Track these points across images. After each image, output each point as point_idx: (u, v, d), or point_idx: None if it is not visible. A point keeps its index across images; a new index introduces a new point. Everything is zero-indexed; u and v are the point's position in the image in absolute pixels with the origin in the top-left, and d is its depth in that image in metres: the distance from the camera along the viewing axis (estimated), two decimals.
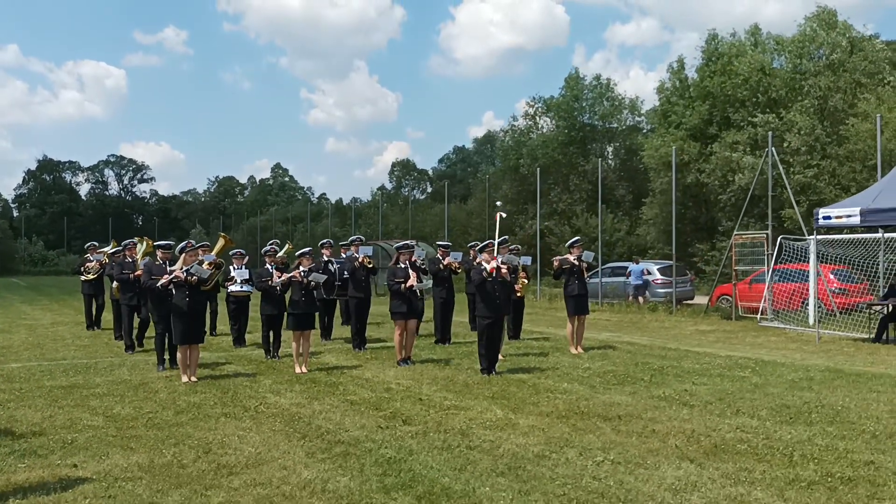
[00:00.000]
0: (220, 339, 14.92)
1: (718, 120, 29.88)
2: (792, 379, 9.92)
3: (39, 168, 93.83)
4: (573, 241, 13.27)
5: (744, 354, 12.39)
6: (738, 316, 19.08)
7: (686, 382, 9.73)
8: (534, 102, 39.43)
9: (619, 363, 11.45)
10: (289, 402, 8.66)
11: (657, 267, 24.18)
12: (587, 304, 13.04)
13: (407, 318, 11.32)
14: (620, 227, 34.14)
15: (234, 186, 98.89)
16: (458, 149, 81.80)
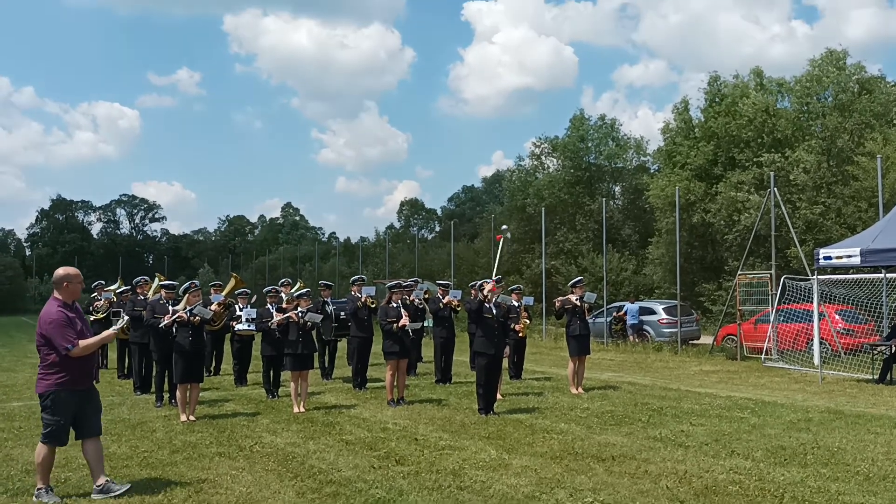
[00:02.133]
0: (222, 378, 14.96)
1: (723, 160, 30.00)
2: (790, 420, 9.88)
3: (52, 207, 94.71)
4: (575, 282, 13.33)
5: (745, 395, 12.34)
6: (743, 356, 19.00)
7: (683, 423, 9.70)
8: (540, 142, 39.77)
9: (618, 403, 11.42)
10: (284, 442, 8.68)
11: (662, 307, 24.10)
12: (588, 344, 13.03)
13: (399, 357, 11.34)
14: (627, 267, 34.11)
15: (244, 225, 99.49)
16: (467, 188, 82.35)
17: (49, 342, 6.15)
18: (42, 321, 6.22)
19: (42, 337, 6.21)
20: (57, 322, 6.18)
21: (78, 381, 6.29)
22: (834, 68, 28.41)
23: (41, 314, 6.31)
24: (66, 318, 6.22)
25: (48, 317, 6.21)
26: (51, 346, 6.15)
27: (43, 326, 6.20)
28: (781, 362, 17.73)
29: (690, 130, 32.24)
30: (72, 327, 6.19)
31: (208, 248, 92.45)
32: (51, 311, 6.24)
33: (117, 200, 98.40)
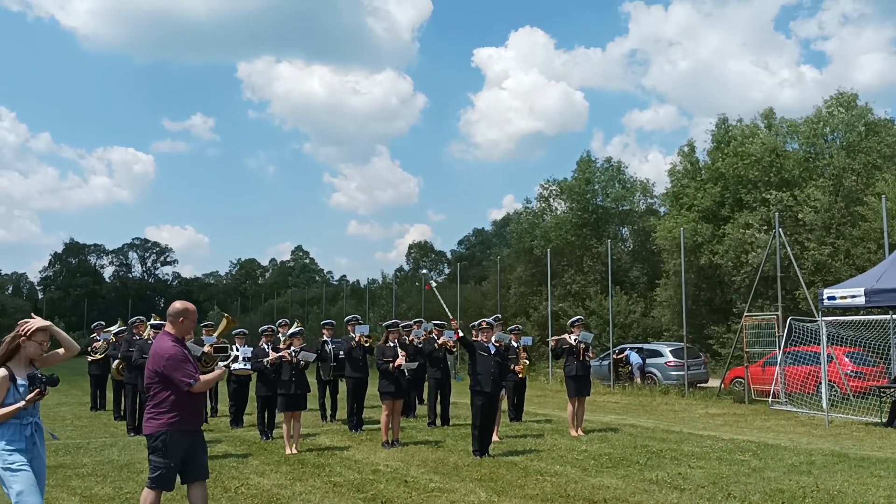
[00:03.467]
0: (218, 419, 14.79)
1: (731, 201, 29.89)
2: (792, 463, 9.62)
3: (65, 251, 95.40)
4: (573, 321, 13.17)
5: (748, 438, 12.06)
6: (750, 399, 18.67)
7: (682, 466, 9.46)
8: (548, 184, 39.81)
9: (617, 446, 11.18)
10: (271, 484, 8.50)
11: (669, 349, 23.80)
12: (588, 385, 12.81)
13: (395, 398, 11.19)
14: (635, 309, 33.83)
15: (255, 269, 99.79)
16: (477, 231, 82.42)
17: (165, 379, 5.79)
18: (156, 357, 5.84)
19: (155, 374, 5.84)
20: (175, 357, 5.81)
21: (189, 420, 5.92)
22: (842, 109, 28.41)
23: (153, 350, 5.93)
24: (182, 353, 5.90)
25: (164, 352, 5.83)
26: (165, 383, 5.79)
27: (158, 362, 5.82)
28: (790, 405, 17.41)
29: (697, 172, 32.20)
30: (190, 362, 5.90)
31: (219, 291, 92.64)
32: (165, 346, 5.86)
33: (129, 244, 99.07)
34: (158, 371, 5.80)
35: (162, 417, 5.78)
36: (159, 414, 5.79)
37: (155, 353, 5.86)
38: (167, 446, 5.77)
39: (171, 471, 5.83)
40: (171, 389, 5.79)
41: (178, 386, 5.75)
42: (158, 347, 5.89)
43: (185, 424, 5.85)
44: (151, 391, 5.87)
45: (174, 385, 5.77)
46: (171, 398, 5.78)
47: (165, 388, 5.79)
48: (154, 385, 5.85)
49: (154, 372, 5.83)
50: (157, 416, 5.79)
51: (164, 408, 5.78)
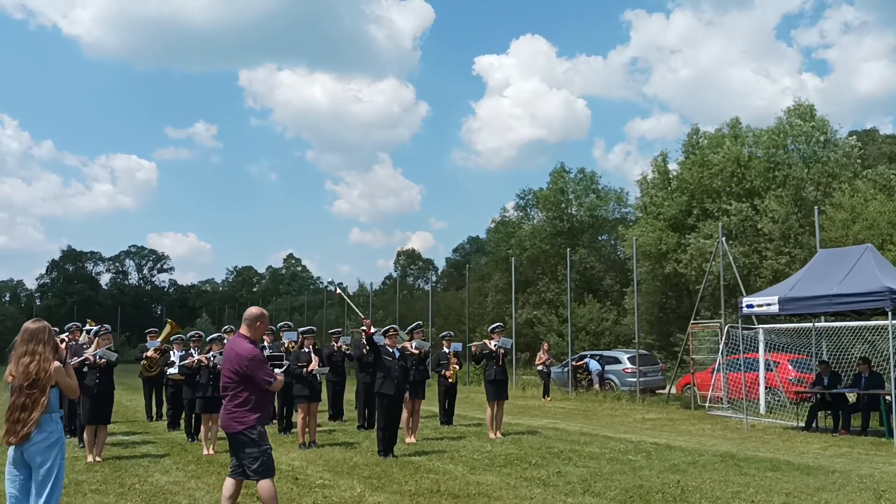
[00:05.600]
0: (158, 423, 15.29)
1: (697, 211, 30.38)
2: (675, 463, 10.08)
3: (62, 258, 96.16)
4: (493, 327, 13.66)
5: (656, 440, 12.52)
6: (696, 405, 19.11)
7: (569, 465, 9.94)
8: (524, 194, 40.42)
9: (524, 447, 11.65)
10: (167, 480, 9.00)
11: (626, 356, 24.26)
12: (506, 389, 13.30)
13: (309, 401, 11.70)
14: (608, 317, 34.31)
15: (251, 276, 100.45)
16: (473, 238, 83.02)
17: (246, 378, 6.14)
18: (237, 358, 6.18)
19: (236, 374, 6.17)
20: (257, 358, 6.21)
21: (266, 416, 6.41)
22: (801, 121, 28.90)
23: (232, 352, 6.28)
24: (261, 354, 6.34)
25: (245, 353, 6.18)
26: (247, 382, 6.15)
27: (240, 363, 6.15)
28: (730, 411, 17.85)
29: (667, 182, 32.72)
30: (266, 362, 6.38)
31: (215, 298, 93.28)
32: (245, 347, 6.23)
33: (126, 251, 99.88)
34: (240, 371, 6.16)
35: (249, 414, 6.17)
36: (246, 411, 6.16)
37: (236, 355, 6.22)
38: (261, 435, 6.21)
39: (270, 456, 6.23)
40: (252, 388, 6.19)
41: (260, 384, 6.19)
42: (239, 349, 6.24)
43: (264, 420, 6.35)
44: (230, 391, 6.23)
45: (254, 384, 6.18)
46: (251, 396, 6.19)
47: (246, 388, 6.18)
48: (234, 385, 6.21)
49: (234, 372, 6.19)
50: (245, 414, 6.16)
51: (249, 405, 6.18)
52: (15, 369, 5.33)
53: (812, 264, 14.21)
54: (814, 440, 12.69)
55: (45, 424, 5.29)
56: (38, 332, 5.44)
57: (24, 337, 5.44)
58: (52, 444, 5.31)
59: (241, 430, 6.17)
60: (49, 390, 5.31)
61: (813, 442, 12.48)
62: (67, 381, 5.50)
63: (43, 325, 5.53)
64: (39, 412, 5.23)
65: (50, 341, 5.46)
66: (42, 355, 5.36)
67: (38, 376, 5.30)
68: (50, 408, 5.33)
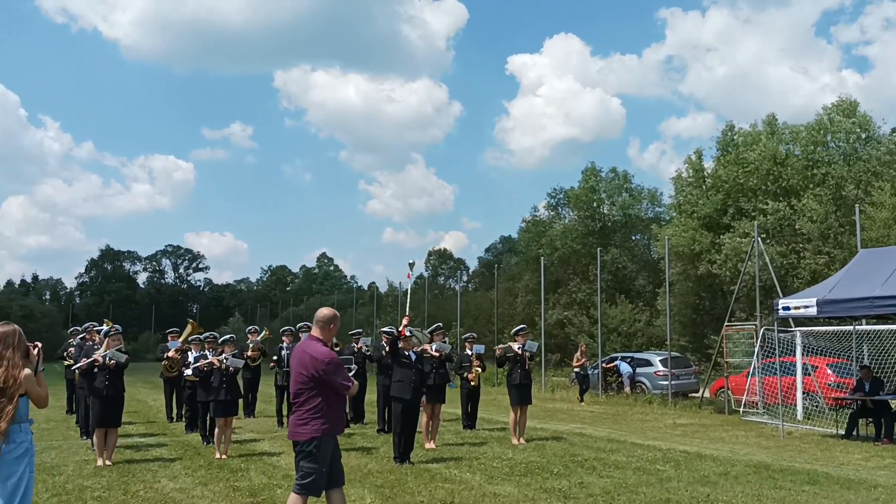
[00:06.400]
0: (178, 424, 15.06)
1: (732, 210, 29.60)
2: (705, 474, 9.55)
3: (101, 258, 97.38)
4: (518, 329, 13.20)
5: (687, 448, 11.97)
6: (730, 410, 18.48)
7: (592, 475, 9.46)
8: (555, 193, 39.81)
9: (546, 454, 11.19)
10: (173, 487, 8.70)
11: (659, 358, 23.63)
12: (530, 394, 12.85)
13: None
14: (640, 318, 33.61)
15: (286, 275, 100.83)
16: (505, 238, 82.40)
17: (321, 383, 5.70)
18: (312, 361, 5.73)
19: (311, 378, 5.73)
20: (335, 361, 5.78)
21: (338, 424, 5.91)
22: (842, 117, 28.00)
23: (306, 355, 5.80)
24: (337, 357, 5.95)
25: (322, 356, 5.75)
26: (320, 387, 5.72)
27: (316, 366, 5.70)
28: (766, 416, 17.20)
29: (702, 180, 31.95)
30: (344, 367, 5.96)
31: (249, 297, 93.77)
32: (321, 350, 5.80)
33: (163, 251, 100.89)
34: (315, 375, 5.71)
35: (315, 423, 5.71)
36: (312, 419, 5.71)
37: (311, 357, 5.76)
38: (320, 451, 5.74)
39: (321, 476, 5.78)
40: (324, 394, 5.74)
41: (337, 389, 5.76)
42: (314, 351, 5.79)
43: (334, 428, 5.84)
44: (303, 396, 5.78)
45: (328, 389, 5.74)
46: (321, 403, 5.73)
47: (319, 393, 5.73)
48: (307, 390, 5.77)
49: (309, 377, 5.73)
50: (311, 422, 5.72)
51: (318, 413, 5.71)
52: None
53: (853, 265, 13.57)
54: (854, 450, 12.05)
55: (13, 435, 4.96)
56: (7, 336, 5.09)
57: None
58: (21, 456, 4.97)
59: (305, 438, 5.72)
60: (17, 399, 4.95)
61: (853, 451, 11.84)
62: (38, 391, 5.14)
63: (13, 328, 5.18)
64: (6, 422, 4.87)
65: (20, 346, 5.11)
66: (11, 361, 5.02)
67: (6, 384, 4.95)
68: (18, 417, 4.98)
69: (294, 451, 5.93)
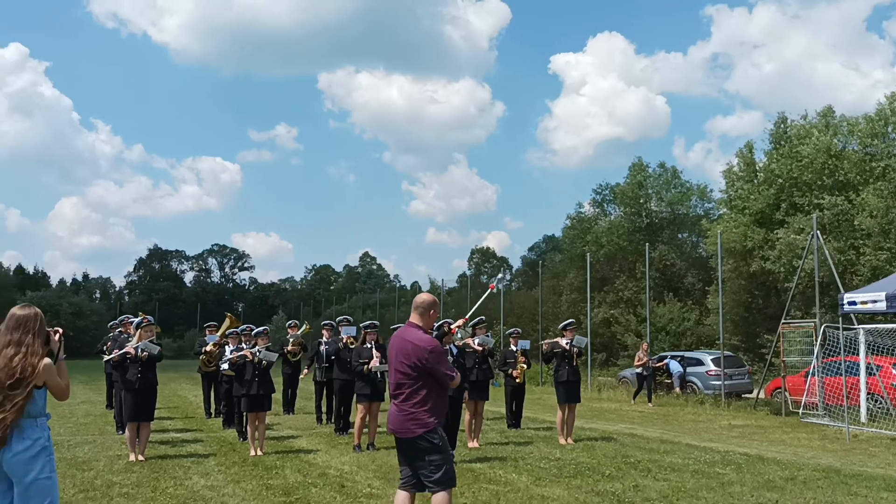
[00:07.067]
0: (216, 420, 14.74)
1: (786, 205, 28.53)
2: (770, 478, 8.88)
3: (149, 257, 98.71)
4: (565, 324, 12.61)
5: (746, 451, 11.27)
6: (787, 411, 17.65)
7: (647, 478, 8.84)
8: (601, 190, 38.98)
9: (597, 455, 10.59)
10: (203, 485, 8.29)
11: (711, 357, 22.78)
12: (578, 391, 12.23)
13: (371, 399, 10.90)
14: (689, 317, 32.64)
15: (329, 274, 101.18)
16: (548, 237, 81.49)
17: (425, 373, 5.27)
18: (415, 350, 5.28)
19: (413, 369, 5.28)
20: (439, 349, 5.35)
21: (442, 416, 5.48)
22: None
23: (408, 344, 5.34)
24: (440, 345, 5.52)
25: (424, 343, 5.29)
26: (424, 377, 5.28)
27: (419, 356, 5.26)
28: (827, 418, 16.35)
29: (754, 174, 30.90)
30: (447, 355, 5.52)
31: (293, 296, 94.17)
32: (424, 338, 5.35)
33: (209, 250, 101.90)
34: (419, 365, 5.27)
35: (429, 416, 5.28)
36: (425, 412, 5.27)
37: (413, 347, 5.30)
38: (444, 440, 5.34)
39: (453, 464, 5.35)
40: (431, 385, 5.32)
41: (440, 380, 5.32)
42: (416, 339, 5.34)
43: (440, 421, 5.39)
44: (406, 388, 5.32)
45: (432, 379, 5.31)
46: (427, 394, 5.30)
47: (424, 385, 5.30)
48: (410, 381, 5.31)
49: (412, 367, 5.29)
50: (424, 415, 5.27)
51: (427, 405, 5.29)
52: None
53: None
54: None
55: (27, 431, 4.42)
56: (28, 320, 4.53)
57: (10, 324, 4.52)
58: (37, 455, 4.42)
59: (421, 433, 5.23)
60: (32, 390, 4.42)
61: None
62: (57, 382, 4.56)
63: (33, 311, 4.61)
64: (14, 414, 4.34)
65: (41, 331, 4.56)
66: (30, 348, 4.46)
67: (24, 373, 4.38)
68: (35, 412, 4.46)
69: (401, 449, 5.43)
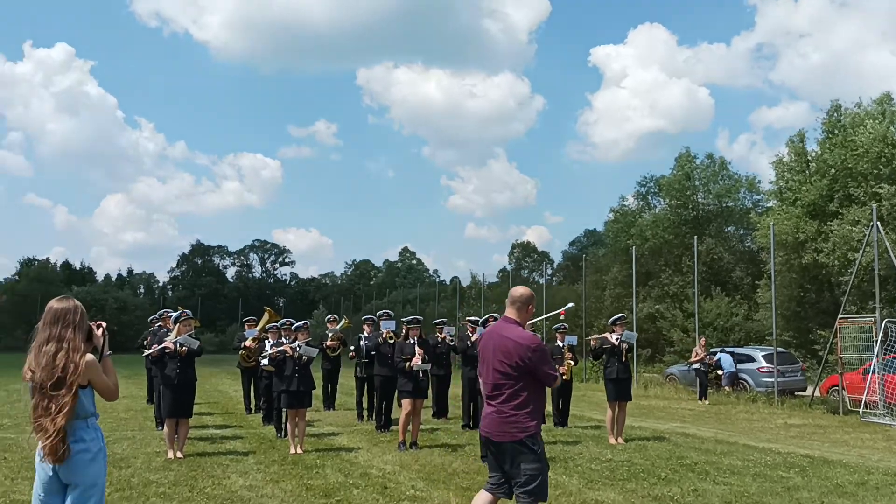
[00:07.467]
0: (256, 416, 14.52)
1: (840, 196, 27.53)
2: (839, 483, 8.33)
3: (192, 252, 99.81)
4: (615, 319, 12.12)
5: (809, 452, 10.69)
6: (845, 410, 16.93)
7: (706, 481, 8.35)
8: (645, 182, 38.15)
9: (650, 456, 10.10)
10: (242, 484, 7.99)
11: (762, 354, 22.05)
12: (629, 389, 11.74)
13: (414, 396, 10.54)
14: (738, 312, 31.76)
15: (369, 269, 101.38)
16: (589, 231, 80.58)
17: (526, 373, 4.92)
18: (517, 349, 4.92)
19: (515, 369, 4.92)
20: (542, 347, 5.01)
21: (541, 419, 5.14)
22: None
23: (508, 341, 4.98)
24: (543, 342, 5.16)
25: (527, 341, 4.95)
26: (525, 378, 4.93)
27: (521, 354, 4.90)
28: (888, 417, 15.62)
29: (805, 165, 29.91)
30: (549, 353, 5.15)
31: (333, 291, 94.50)
32: (525, 335, 5.01)
33: (250, 245, 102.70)
34: (521, 364, 4.90)
35: (529, 419, 4.94)
36: (526, 415, 4.93)
37: (515, 344, 4.94)
38: (541, 448, 4.97)
39: (547, 477, 5.00)
40: (530, 385, 4.96)
41: (544, 380, 4.97)
42: (517, 337, 4.98)
43: (539, 424, 5.05)
44: (507, 389, 4.95)
45: (533, 379, 4.96)
46: (528, 396, 4.95)
47: (525, 386, 4.94)
48: (511, 382, 4.94)
49: (512, 367, 4.93)
50: (525, 418, 4.93)
51: (528, 408, 4.94)
52: (35, 362, 4.02)
53: None
54: None
55: (80, 432, 4.02)
56: (67, 313, 4.09)
57: (48, 318, 4.08)
58: (95, 458, 4.04)
59: (521, 438, 4.87)
60: (78, 390, 4.00)
61: None
62: (103, 381, 4.13)
63: (73, 304, 4.17)
64: (64, 418, 3.92)
65: (82, 326, 4.12)
66: (71, 343, 4.03)
67: (65, 371, 3.96)
68: (83, 412, 4.06)
69: (495, 453, 5.05)
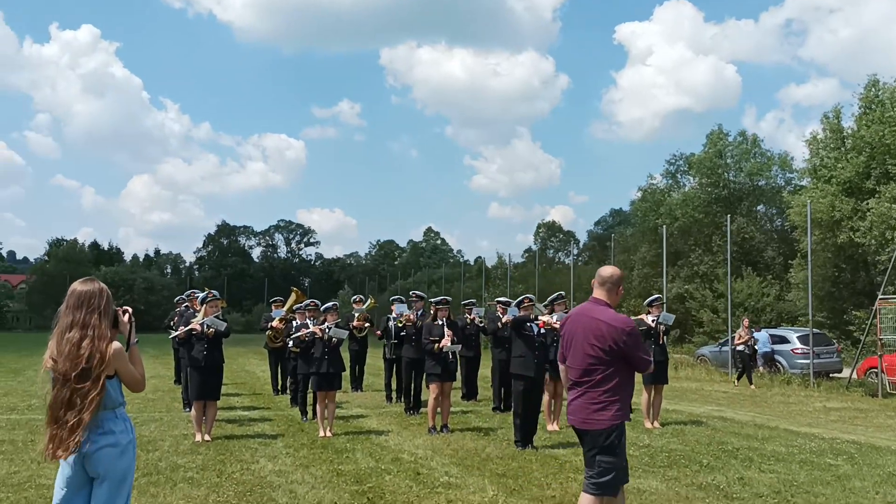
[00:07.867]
0: (283, 397, 14.36)
1: (877, 173, 26.84)
2: (892, 471, 7.97)
3: (217, 233, 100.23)
4: (651, 300, 11.77)
5: (855, 438, 10.32)
6: (885, 393, 16.49)
7: (751, 469, 8.02)
8: (675, 160, 37.49)
9: (689, 441, 9.78)
10: (270, 469, 7.78)
11: (797, 335, 21.56)
12: (666, 372, 11.43)
13: (442, 380, 10.27)
14: (769, 292, 31.20)
15: (393, 250, 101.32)
16: (615, 211, 79.77)
17: (619, 358, 4.71)
18: (610, 332, 4.68)
19: (608, 353, 4.70)
20: (636, 332, 4.79)
21: (629, 408, 5.00)
22: None
23: (601, 324, 4.72)
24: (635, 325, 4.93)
25: (623, 325, 4.71)
26: (617, 363, 4.72)
27: (615, 338, 4.67)
28: None
29: (841, 141, 29.17)
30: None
31: (358, 271, 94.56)
32: (619, 318, 4.77)
33: (275, 226, 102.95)
34: (615, 348, 4.68)
35: (613, 408, 4.72)
36: (610, 403, 4.71)
37: (608, 327, 4.70)
38: (621, 442, 4.78)
39: (622, 472, 4.81)
40: (621, 371, 4.75)
41: (637, 366, 4.78)
42: (610, 319, 4.73)
43: (627, 414, 4.87)
44: (597, 374, 4.73)
45: (624, 365, 4.75)
46: (619, 382, 4.74)
47: (616, 372, 4.72)
48: (603, 367, 4.72)
49: (605, 351, 4.70)
50: (608, 406, 4.71)
51: (615, 396, 4.72)
52: (58, 350, 3.73)
53: None
54: None
55: (107, 424, 3.76)
56: (92, 297, 3.79)
57: (71, 302, 3.78)
58: (125, 450, 3.79)
59: (606, 427, 4.69)
60: (104, 381, 3.72)
61: None
62: (130, 371, 3.86)
63: (98, 286, 3.86)
64: (90, 413, 3.66)
65: (108, 311, 3.82)
66: (97, 330, 3.74)
67: (90, 361, 3.68)
68: (111, 402, 3.79)
69: (583, 442, 4.85)
